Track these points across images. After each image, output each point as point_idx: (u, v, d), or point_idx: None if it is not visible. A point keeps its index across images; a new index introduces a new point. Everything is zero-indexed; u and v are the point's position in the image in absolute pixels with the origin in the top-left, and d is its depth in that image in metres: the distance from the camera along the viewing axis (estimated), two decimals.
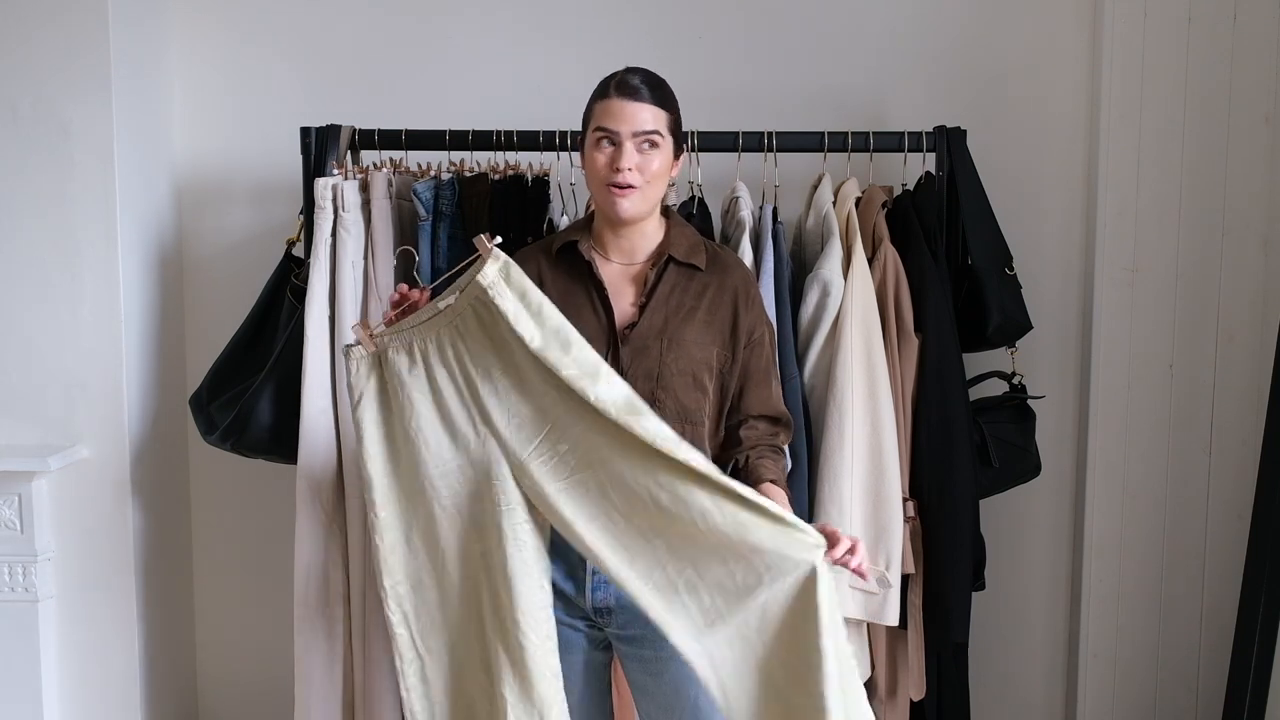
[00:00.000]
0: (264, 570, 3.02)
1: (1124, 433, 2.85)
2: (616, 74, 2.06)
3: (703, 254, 2.10)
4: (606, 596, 2.00)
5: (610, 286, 2.06)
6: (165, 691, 2.96)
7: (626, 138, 1.99)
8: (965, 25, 2.90)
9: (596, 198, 2.07)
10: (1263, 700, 2.59)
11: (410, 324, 1.97)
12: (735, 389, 2.09)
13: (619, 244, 2.09)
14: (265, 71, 2.97)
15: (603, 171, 2.01)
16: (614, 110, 2.01)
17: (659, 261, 2.07)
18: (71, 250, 2.73)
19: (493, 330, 1.93)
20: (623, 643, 2.03)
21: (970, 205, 2.58)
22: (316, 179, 2.51)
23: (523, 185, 2.54)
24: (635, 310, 2.05)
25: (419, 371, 1.97)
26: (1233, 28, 2.77)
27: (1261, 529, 2.59)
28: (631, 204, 2.01)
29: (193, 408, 2.67)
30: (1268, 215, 2.80)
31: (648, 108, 2.01)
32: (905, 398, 2.50)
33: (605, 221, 2.09)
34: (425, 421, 1.97)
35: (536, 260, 2.12)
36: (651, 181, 2.01)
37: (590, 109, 2.06)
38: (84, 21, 2.67)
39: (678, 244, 2.09)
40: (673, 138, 2.05)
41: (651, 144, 2.00)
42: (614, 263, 2.09)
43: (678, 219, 2.17)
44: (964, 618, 2.53)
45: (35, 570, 2.74)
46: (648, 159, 2.00)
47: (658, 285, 2.05)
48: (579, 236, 2.10)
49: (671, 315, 2.04)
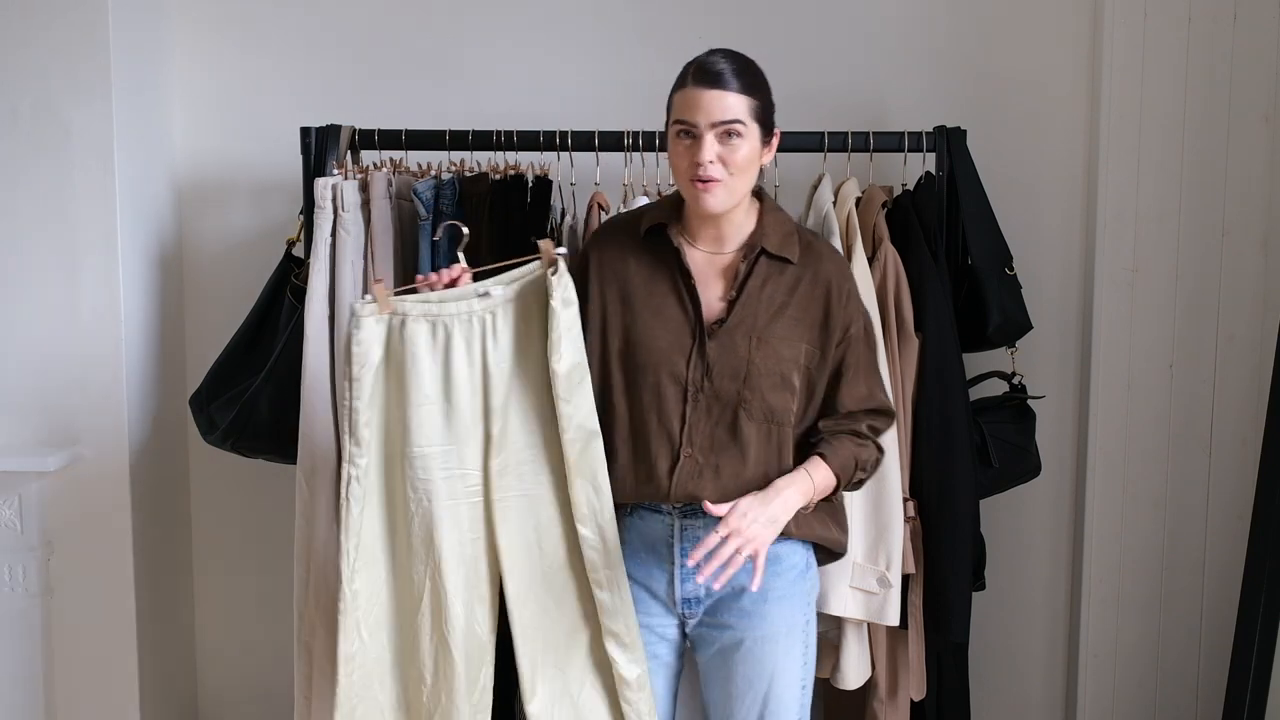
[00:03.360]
0: (264, 570, 3.02)
1: (1124, 433, 2.85)
2: (696, 59, 1.93)
3: (795, 245, 2.01)
4: (697, 587, 2.00)
5: (698, 276, 1.99)
6: (164, 691, 2.96)
7: (705, 129, 1.88)
8: (965, 26, 2.90)
9: (683, 193, 1.98)
10: (1263, 700, 2.59)
11: (440, 298, 1.96)
12: (827, 386, 2.01)
13: (707, 232, 2.01)
14: (265, 72, 2.97)
15: (684, 167, 1.92)
16: (691, 100, 1.89)
17: (750, 254, 1.99)
18: (71, 250, 2.73)
19: (524, 334, 1.93)
20: (708, 629, 2.04)
21: (970, 205, 2.58)
22: (316, 179, 2.51)
23: (523, 185, 2.54)
24: (724, 305, 1.98)
25: (438, 349, 1.96)
26: (1233, 28, 2.77)
27: (1261, 529, 2.59)
28: (716, 199, 1.92)
29: (193, 408, 2.67)
30: (1268, 215, 2.80)
31: (728, 95, 1.88)
32: (905, 398, 2.50)
33: (693, 210, 2.00)
34: (428, 398, 1.96)
35: (620, 240, 2.06)
36: (737, 173, 1.91)
37: (670, 100, 1.96)
38: (84, 23, 2.67)
39: (771, 234, 2.00)
40: (759, 124, 1.93)
41: (735, 133, 1.89)
42: (702, 250, 2.01)
43: (771, 204, 2.07)
44: (964, 618, 2.53)
45: (35, 569, 2.74)
46: (731, 150, 1.89)
47: (748, 280, 1.98)
48: (668, 220, 2.03)
49: (761, 312, 1.97)
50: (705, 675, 2.08)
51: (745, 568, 1.90)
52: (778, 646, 2.01)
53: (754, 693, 2.02)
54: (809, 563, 2.06)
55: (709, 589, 1.98)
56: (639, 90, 2.40)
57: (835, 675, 2.48)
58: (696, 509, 1.98)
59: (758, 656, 2.01)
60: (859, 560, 2.42)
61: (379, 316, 1.97)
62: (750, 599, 1.99)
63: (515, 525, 2.00)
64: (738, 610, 2.00)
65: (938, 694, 2.63)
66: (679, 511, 2.00)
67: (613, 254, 2.06)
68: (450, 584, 1.99)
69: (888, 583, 2.43)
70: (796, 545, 2.03)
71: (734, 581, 1.96)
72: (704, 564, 1.84)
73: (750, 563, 1.87)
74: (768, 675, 2.01)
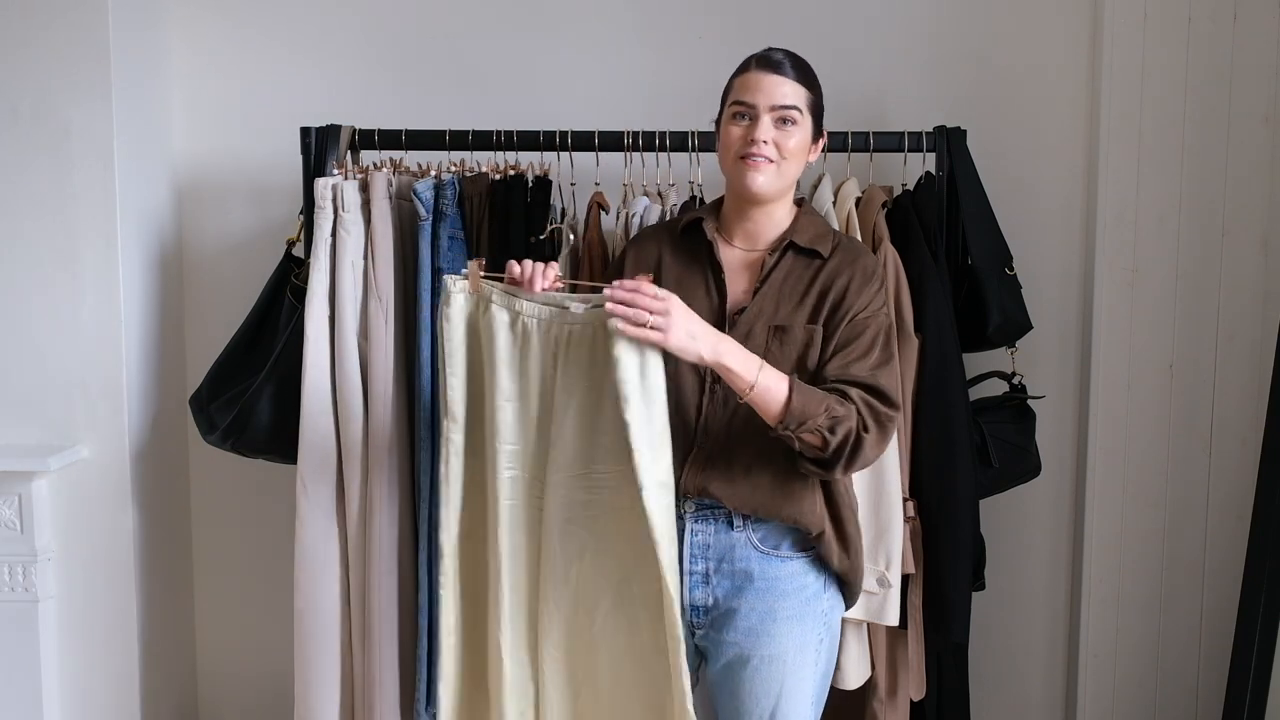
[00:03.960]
0: (264, 570, 3.02)
1: (1124, 433, 2.85)
2: (759, 51, 2.00)
3: (829, 242, 2.02)
4: (707, 594, 1.99)
5: (728, 270, 2.01)
6: (165, 691, 2.96)
7: (764, 111, 1.93)
8: (965, 25, 2.90)
9: (729, 175, 2.00)
10: (1263, 700, 2.59)
11: (527, 297, 1.94)
12: (833, 352, 1.95)
13: (745, 228, 2.03)
14: (265, 72, 2.97)
15: (736, 145, 1.95)
16: (752, 83, 1.95)
17: (779, 247, 2.01)
18: (71, 250, 2.73)
19: (598, 354, 1.90)
20: (716, 643, 2.01)
21: (970, 205, 2.58)
22: (316, 179, 2.51)
23: (523, 185, 2.54)
24: (748, 295, 2.00)
25: (515, 347, 1.95)
26: (1233, 28, 2.77)
27: (1261, 529, 2.59)
28: (766, 178, 1.94)
29: (193, 408, 2.67)
30: (1268, 215, 2.80)
31: (788, 82, 1.95)
32: (905, 398, 2.50)
33: (734, 203, 2.03)
34: (503, 391, 1.96)
35: (658, 240, 2.08)
36: (788, 158, 1.95)
37: (729, 85, 2.01)
38: (84, 22, 2.67)
39: (803, 231, 2.02)
40: (813, 118, 1.98)
41: (790, 120, 1.94)
42: (736, 248, 2.04)
43: (810, 209, 2.10)
44: (964, 618, 2.53)
45: (35, 570, 2.74)
46: (785, 134, 1.94)
47: (773, 271, 2.00)
48: (706, 216, 2.06)
49: (783, 302, 1.98)
50: (714, 686, 2.08)
51: (738, 581, 1.94)
52: (786, 665, 2.00)
53: (760, 709, 2.01)
54: (825, 584, 2.03)
55: (716, 598, 1.98)
56: (639, 90, 2.41)
57: (835, 675, 2.47)
58: (707, 513, 1.98)
59: (765, 675, 2.00)
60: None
61: (469, 294, 1.97)
62: (758, 616, 1.98)
63: (559, 547, 1.97)
64: (745, 629, 1.99)
65: (938, 694, 2.63)
66: (691, 516, 1.99)
67: (648, 250, 2.09)
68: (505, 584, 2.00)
69: (887, 583, 2.43)
70: (809, 566, 2.01)
71: (737, 595, 1.97)
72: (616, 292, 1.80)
73: (746, 577, 1.91)
74: (775, 693, 2.00)
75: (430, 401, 2.47)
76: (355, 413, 2.47)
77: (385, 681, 2.49)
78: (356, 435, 2.48)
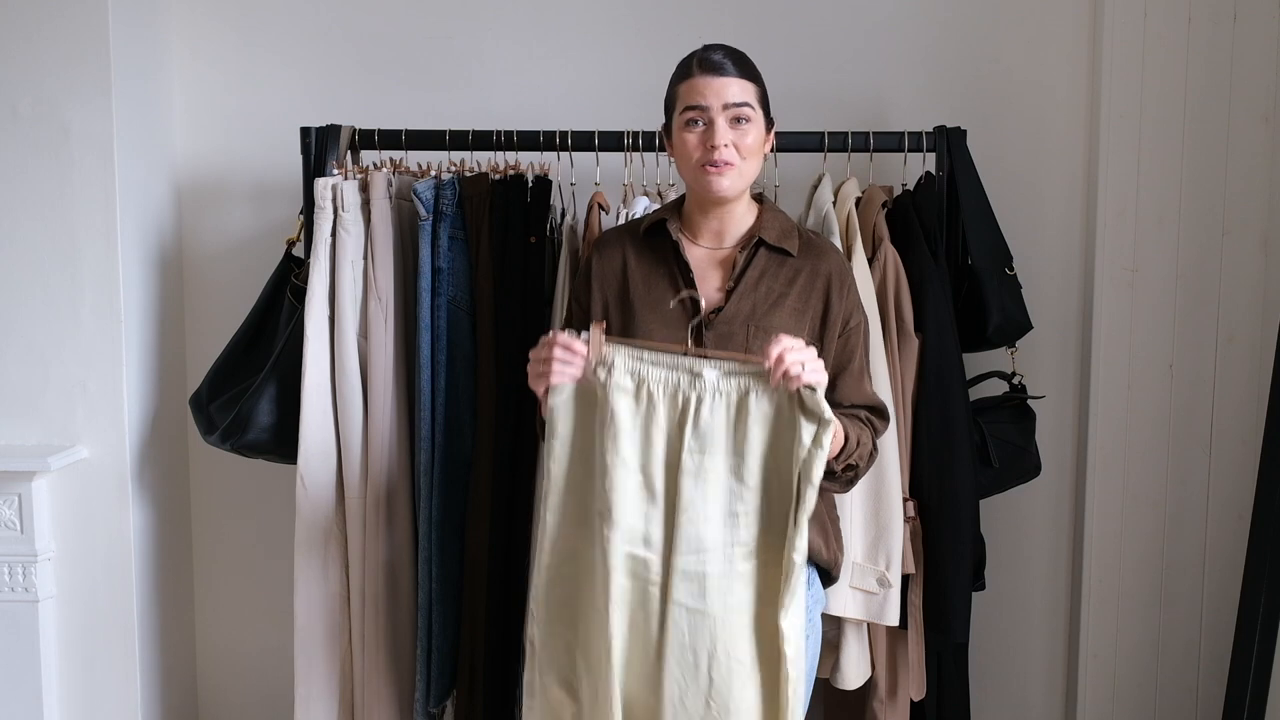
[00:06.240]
0: (264, 570, 3.02)
1: (1124, 433, 2.85)
2: (695, 52, 1.99)
3: (795, 239, 2.03)
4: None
5: (696, 270, 2.00)
6: (165, 691, 2.96)
7: (717, 113, 1.93)
8: (965, 25, 2.90)
9: (691, 182, 2.00)
10: (1263, 700, 2.59)
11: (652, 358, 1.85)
12: (830, 380, 1.93)
13: (708, 226, 2.03)
14: (265, 71, 2.97)
15: (696, 152, 1.95)
16: (700, 87, 1.94)
17: (749, 245, 2.00)
18: (71, 250, 2.73)
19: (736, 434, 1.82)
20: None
21: (970, 205, 2.58)
22: (316, 179, 2.51)
23: (523, 185, 2.54)
24: (721, 295, 1.99)
25: (640, 412, 1.84)
26: (1233, 28, 2.77)
27: (1261, 529, 2.59)
28: (730, 181, 1.95)
29: (193, 408, 2.67)
30: (1268, 215, 2.80)
31: (735, 80, 1.94)
32: (905, 398, 2.50)
33: (696, 204, 2.03)
34: (625, 461, 1.83)
35: (622, 243, 2.08)
36: (747, 157, 1.96)
37: (673, 91, 2.00)
38: (84, 22, 2.67)
39: (769, 228, 2.02)
40: (763, 111, 1.99)
41: (744, 118, 1.94)
42: (702, 246, 2.04)
43: (771, 204, 2.10)
44: (964, 618, 2.53)
45: (35, 570, 2.74)
46: (742, 133, 1.95)
47: (746, 270, 1.99)
48: (668, 215, 2.05)
49: (760, 302, 1.98)
50: None
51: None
52: None
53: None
54: (810, 578, 2.04)
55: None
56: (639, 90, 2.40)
57: (835, 675, 2.48)
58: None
59: None
60: (859, 560, 2.42)
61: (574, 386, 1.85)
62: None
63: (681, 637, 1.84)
64: None
65: (938, 694, 2.63)
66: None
67: (611, 254, 2.08)
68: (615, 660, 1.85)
69: (887, 583, 2.43)
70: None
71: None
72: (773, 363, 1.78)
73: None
74: None
75: (430, 401, 2.47)
76: (355, 413, 2.48)
77: (384, 682, 2.49)
78: (356, 435, 2.48)
